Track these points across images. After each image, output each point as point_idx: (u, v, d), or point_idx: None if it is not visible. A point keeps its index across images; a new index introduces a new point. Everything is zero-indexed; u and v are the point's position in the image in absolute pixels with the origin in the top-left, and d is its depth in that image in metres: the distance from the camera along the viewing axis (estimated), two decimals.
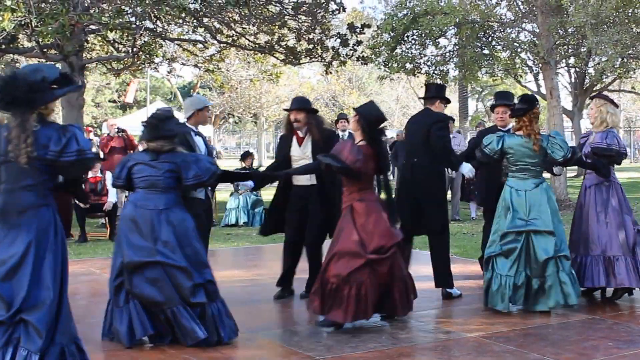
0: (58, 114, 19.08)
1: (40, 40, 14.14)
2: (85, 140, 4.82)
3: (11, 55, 16.66)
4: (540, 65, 20.20)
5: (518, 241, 7.17)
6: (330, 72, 18.70)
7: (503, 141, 7.39)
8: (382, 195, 6.91)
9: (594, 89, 22.04)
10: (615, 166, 7.79)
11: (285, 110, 8.02)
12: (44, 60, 15.47)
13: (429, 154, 7.79)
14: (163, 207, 6.02)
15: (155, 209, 6.01)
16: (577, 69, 21.86)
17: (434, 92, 8.19)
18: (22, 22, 13.34)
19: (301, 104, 7.60)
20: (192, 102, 7.50)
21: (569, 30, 20.18)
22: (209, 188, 7.34)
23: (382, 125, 6.81)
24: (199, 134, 7.37)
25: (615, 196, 7.62)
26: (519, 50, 21.21)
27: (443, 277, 7.91)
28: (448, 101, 8.30)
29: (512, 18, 21.73)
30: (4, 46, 14.57)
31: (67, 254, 4.88)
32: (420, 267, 8.85)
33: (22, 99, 4.63)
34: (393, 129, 43.13)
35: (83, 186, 5.35)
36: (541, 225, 7.16)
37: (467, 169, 7.96)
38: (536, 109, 7.37)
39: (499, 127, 8.42)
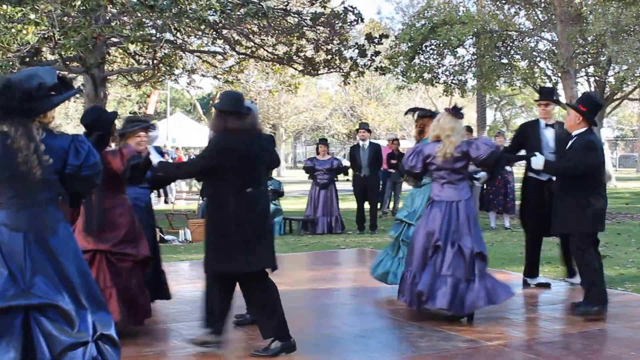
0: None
1: (63, 53, 14.35)
2: (96, 153, 4.57)
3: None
4: (559, 74, 20.26)
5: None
6: (349, 83, 18.71)
7: None
8: None
9: (614, 97, 22.03)
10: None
11: None
12: (67, 73, 15.67)
13: None
14: None
15: None
16: (597, 78, 21.89)
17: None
18: (46, 36, 13.52)
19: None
20: None
21: (589, 38, 20.26)
22: None
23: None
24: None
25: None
26: (537, 59, 21.32)
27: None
28: (547, 100, 8.72)
29: (531, 27, 21.86)
30: (27, 59, 14.70)
31: None
32: None
33: (18, 108, 4.27)
34: (411, 139, 43.33)
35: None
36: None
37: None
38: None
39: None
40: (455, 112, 7.35)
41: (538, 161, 7.51)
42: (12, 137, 4.26)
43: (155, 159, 6.33)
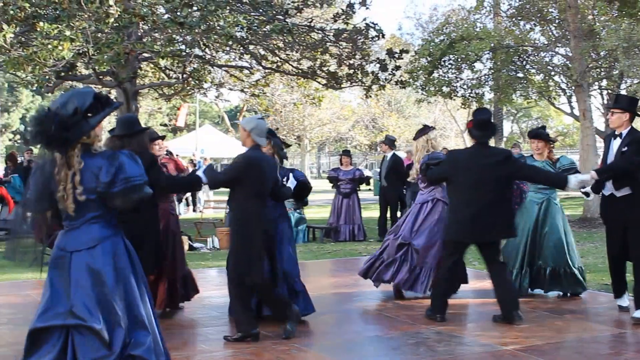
0: None
1: (96, 67, 14.61)
2: (133, 167, 4.49)
3: (70, 82, 17.20)
4: (573, 87, 20.28)
5: None
6: (370, 96, 18.82)
7: None
8: None
9: None
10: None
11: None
12: (100, 87, 16.05)
13: None
14: None
15: None
16: (610, 91, 22.04)
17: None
18: (80, 51, 13.70)
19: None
20: None
21: (601, 53, 20.30)
22: None
23: None
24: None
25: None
26: (552, 73, 21.38)
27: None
28: (611, 108, 8.14)
29: (546, 42, 21.96)
30: (63, 74, 14.95)
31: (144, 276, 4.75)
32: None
33: (57, 138, 4.31)
34: None
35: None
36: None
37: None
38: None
39: None
40: (416, 134, 9.25)
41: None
42: (57, 166, 4.40)
43: None
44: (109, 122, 19.43)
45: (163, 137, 8.48)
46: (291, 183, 7.57)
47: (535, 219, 9.09)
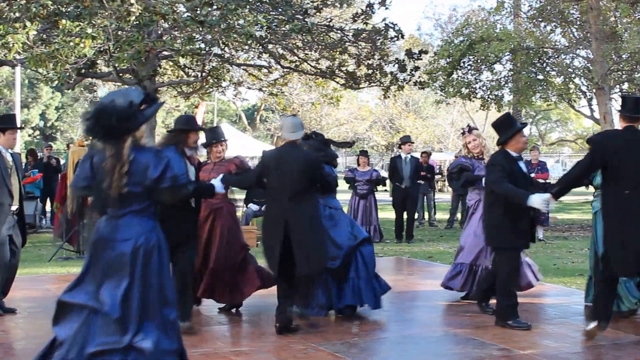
0: None
1: (117, 65, 14.72)
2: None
3: (90, 79, 17.32)
4: (594, 90, 20.23)
5: None
6: (388, 96, 18.86)
7: None
8: None
9: None
10: None
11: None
12: (120, 84, 16.19)
13: None
14: None
15: None
16: (632, 95, 21.90)
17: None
18: (101, 49, 13.93)
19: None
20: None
21: (623, 56, 20.16)
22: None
23: None
24: None
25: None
26: (573, 75, 21.28)
27: None
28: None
29: (567, 44, 21.88)
30: (84, 71, 15.14)
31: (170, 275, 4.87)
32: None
33: (116, 128, 4.51)
34: (448, 152, 43.44)
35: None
36: None
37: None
38: None
39: None
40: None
41: None
42: (106, 157, 4.57)
43: None
44: None
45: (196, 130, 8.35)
46: None
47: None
